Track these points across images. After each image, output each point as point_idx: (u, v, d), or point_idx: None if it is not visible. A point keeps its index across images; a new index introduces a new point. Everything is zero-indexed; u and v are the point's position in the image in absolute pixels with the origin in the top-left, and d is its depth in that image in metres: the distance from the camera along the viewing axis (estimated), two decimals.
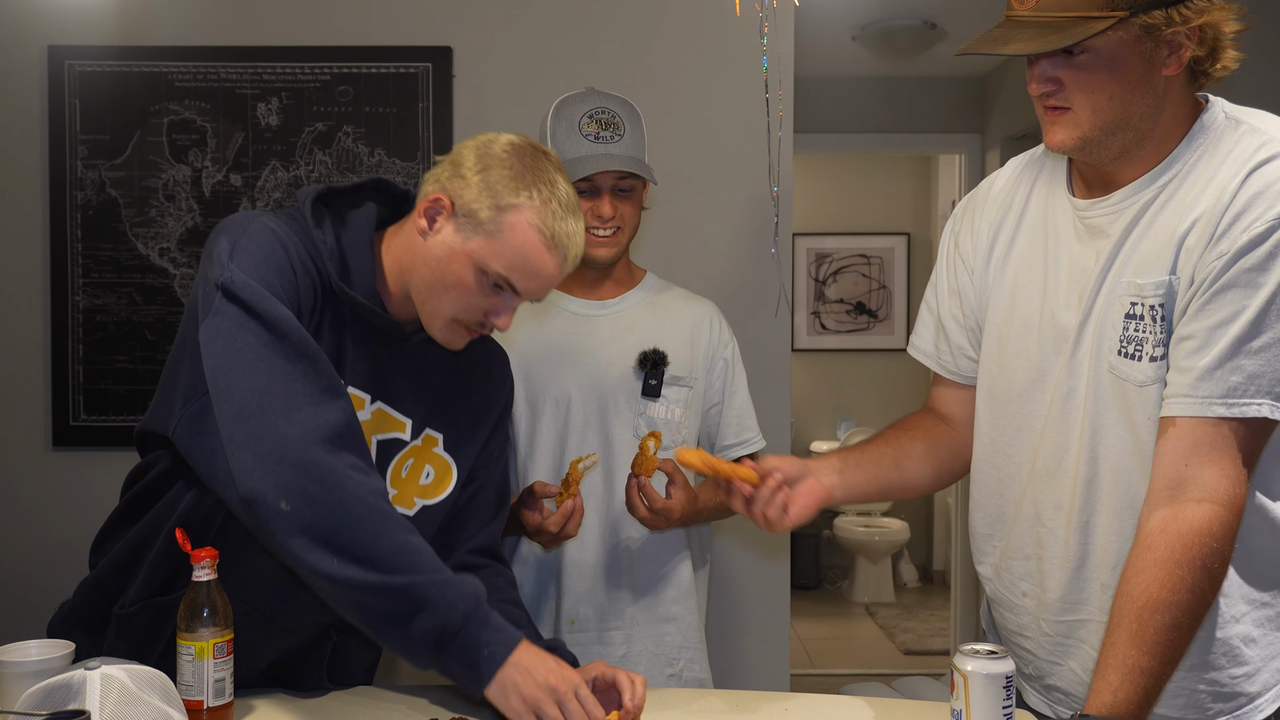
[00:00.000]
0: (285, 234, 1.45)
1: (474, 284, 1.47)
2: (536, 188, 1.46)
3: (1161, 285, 1.37)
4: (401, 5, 2.81)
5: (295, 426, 1.31)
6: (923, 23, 4.07)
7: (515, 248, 1.45)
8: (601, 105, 1.96)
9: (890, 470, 1.67)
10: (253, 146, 2.79)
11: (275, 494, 1.30)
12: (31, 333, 2.82)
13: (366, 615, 1.33)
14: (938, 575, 6.55)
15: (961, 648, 1.30)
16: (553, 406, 1.99)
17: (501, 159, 1.47)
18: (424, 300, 1.51)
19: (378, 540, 1.31)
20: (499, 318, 1.51)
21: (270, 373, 1.33)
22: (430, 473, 1.60)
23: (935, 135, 5.22)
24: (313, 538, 1.30)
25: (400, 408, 1.56)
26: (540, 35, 2.81)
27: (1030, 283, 1.53)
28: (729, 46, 2.72)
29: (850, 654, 5.45)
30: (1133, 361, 1.39)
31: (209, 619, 1.37)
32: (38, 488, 2.84)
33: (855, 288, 6.75)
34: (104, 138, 2.79)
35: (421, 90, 2.78)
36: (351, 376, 1.50)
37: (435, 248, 1.48)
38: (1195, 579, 1.28)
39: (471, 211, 1.46)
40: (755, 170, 2.59)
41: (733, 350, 2.11)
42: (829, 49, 4.46)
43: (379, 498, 1.34)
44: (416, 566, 1.32)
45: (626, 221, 1.98)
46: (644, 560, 2.01)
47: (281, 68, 2.77)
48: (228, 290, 1.37)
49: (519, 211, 1.45)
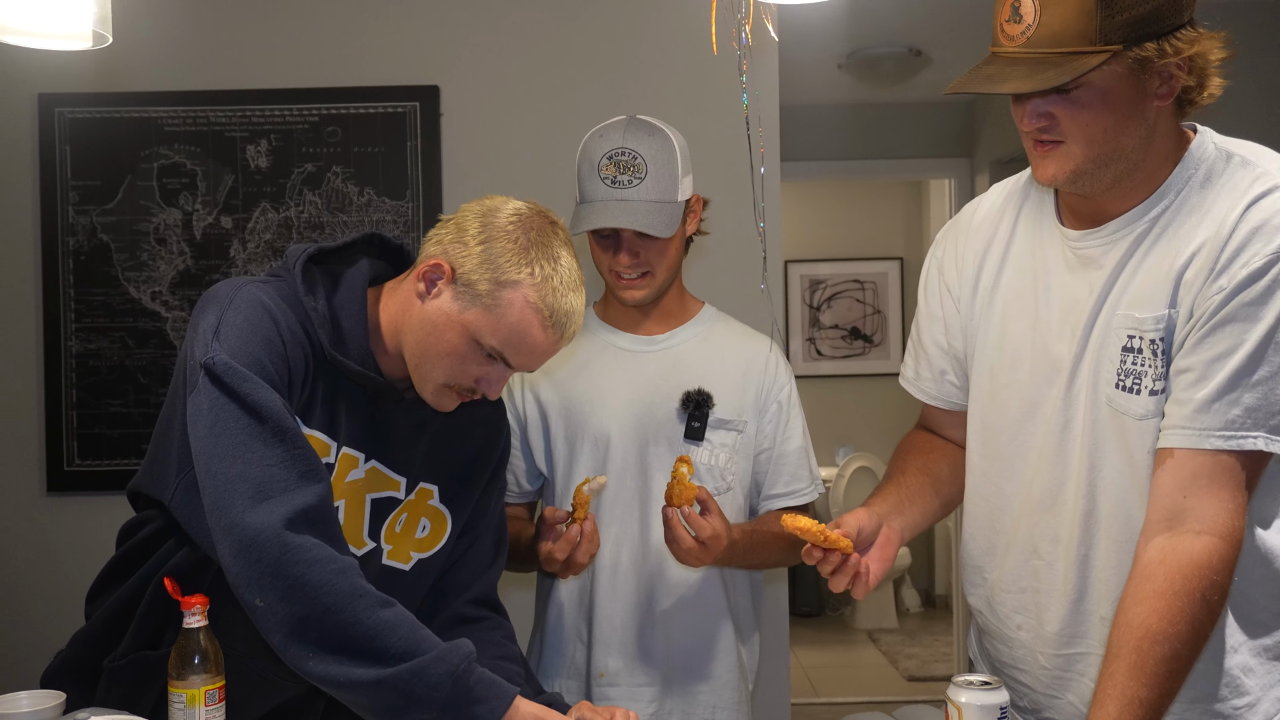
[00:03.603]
0: (274, 303, 1.44)
1: (467, 352, 1.46)
2: (540, 264, 1.45)
3: (1161, 320, 1.37)
4: (388, 45, 2.84)
5: (262, 517, 1.30)
6: (908, 50, 4.10)
7: (511, 324, 1.44)
8: (623, 145, 1.85)
9: (932, 499, 1.68)
10: (243, 189, 2.80)
11: (250, 590, 1.29)
12: (25, 378, 2.82)
13: (354, 706, 1.33)
14: (940, 600, 6.53)
15: (955, 679, 1.30)
16: (590, 447, 1.91)
17: (506, 231, 1.46)
18: (416, 364, 1.50)
19: (348, 629, 1.29)
20: (490, 387, 1.50)
21: (245, 460, 1.32)
22: (426, 525, 1.60)
23: (924, 160, 5.26)
24: (288, 633, 1.29)
25: (394, 466, 1.55)
26: (527, 73, 2.84)
27: (1021, 313, 1.53)
28: (713, 82, 2.74)
29: (853, 682, 5.42)
30: (1131, 395, 1.39)
31: (200, 665, 1.37)
32: (33, 534, 2.83)
33: (850, 313, 6.77)
34: (95, 183, 2.80)
35: (410, 129, 2.80)
36: (346, 437, 1.49)
37: (431, 313, 1.47)
38: (1194, 610, 1.28)
39: (471, 282, 1.45)
40: (744, 204, 2.61)
41: (789, 393, 1.99)
42: (816, 77, 4.50)
43: (348, 576, 1.31)
44: (388, 652, 1.29)
45: (655, 262, 1.88)
46: (680, 614, 1.91)
47: (270, 110, 2.79)
48: (210, 371, 1.36)
49: (518, 289, 1.44)
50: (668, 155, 1.86)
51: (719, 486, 1.91)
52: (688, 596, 1.92)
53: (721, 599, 1.95)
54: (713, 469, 1.91)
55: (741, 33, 1.14)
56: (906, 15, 3.78)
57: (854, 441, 6.65)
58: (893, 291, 6.77)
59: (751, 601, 2.03)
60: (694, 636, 1.93)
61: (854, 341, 6.76)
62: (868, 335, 6.76)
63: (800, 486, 1.98)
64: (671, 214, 1.85)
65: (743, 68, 1.18)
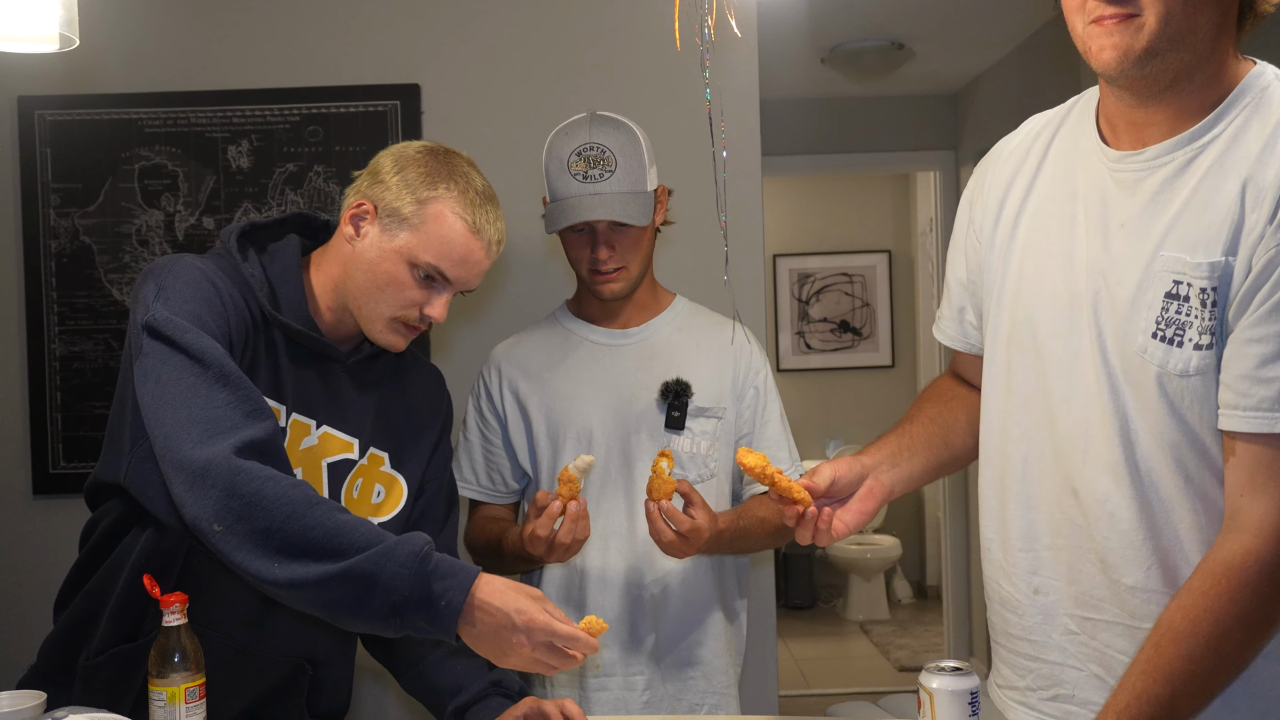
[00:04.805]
0: (212, 271, 1.49)
1: (405, 278, 1.53)
2: (453, 179, 1.55)
3: (1217, 268, 1.22)
4: (369, 44, 2.84)
5: (213, 449, 1.32)
6: (890, 43, 4.11)
7: (441, 235, 1.53)
8: (590, 140, 1.87)
9: (940, 450, 1.60)
10: (224, 189, 2.81)
11: (207, 519, 1.31)
12: (9, 382, 2.82)
13: (324, 608, 1.33)
14: (932, 590, 6.55)
15: (927, 665, 1.31)
16: (574, 441, 1.93)
17: (416, 159, 1.56)
18: (362, 305, 1.56)
19: (308, 532, 1.30)
20: (435, 310, 1.56)
21: (192, 403, 1.35)
22: (381, 491, 1.64)
23: (909, 153, 5.27)
24: (251, 549, 1.31)
25: (345, 429, 1.60)
26: (507, 71, 2.84)
27: (1045, 244, 1.41)
28: (692, 77, 2.74)
29: (845, 673, 5.45)
30: (1171, 347, 1.25)
31: (180, 664, 1.38)
32: (20, 537, 2.83)
33: (839, 306, 6.79)
34: (76, 186, 2.80)
35: (391, 128, 2.81)
36: (295, 403, 1.54)
37: (365, 251, 1.54)
38: (1219, 611, 1.20)
39: (394, 209, 1.53)
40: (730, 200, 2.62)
41: (765, 377, 2.02)
42: (799, 72, 4.51)
43: (301, 489, 1.34)
44: (353, 545, 1.31)
45: (629, 256, 1.90)
46: (670, 601, 1.94)
47: (251, 110, 2.79)
48: (151, 328, 1.40)
49: (439, 201, 1.53)
50: (635, 147, 1.89)
51: (702, 474, 1.93)
52: (677, 584, 1.95)
53: (710, 584, 1.97)
54: (695, 457, 1.93)
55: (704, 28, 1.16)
56: (888, 9, 3.78)
57: (844, 434, 6.67)
58: (881, 285, 6.79)
59: (737, 584, 2.05)
60: (685, 623, 1.95)
61: (843, 334, 6.77)
62: (857, 328, 6.78)
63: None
64: (645, 203, 1.88)
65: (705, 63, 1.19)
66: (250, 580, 1.33)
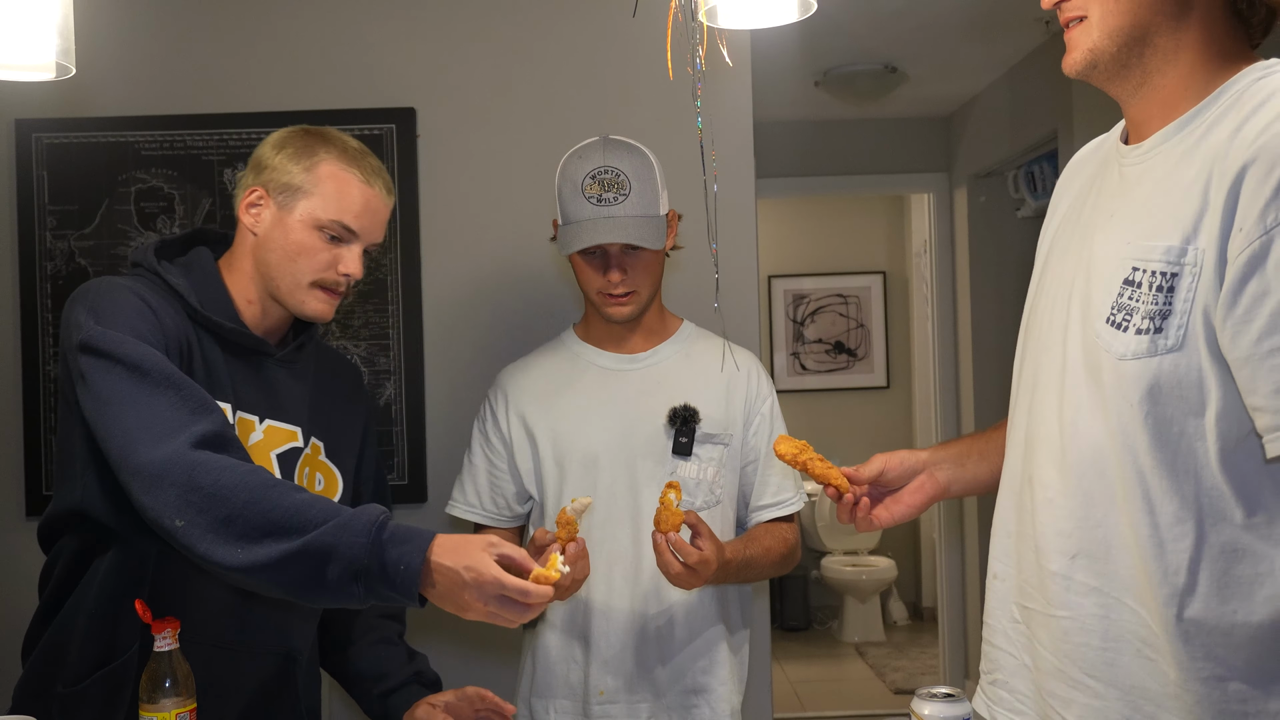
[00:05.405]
0: (139, 287, 1.53)
1: (314, 243, 1.61)
2: (329, 143, 1.65)
3: (1171, 252, 1.19)
4: (364, 68, 2.86)
5: (167, 448, 1.35)
6: (883, 67, 4.14)
7: (335, 191, 1.61)
8: (605, 164, 1.87)
9: None
10: (220, 212, 2.81)
11: (169, 515, 1.33)
12: (4, 403, 2.82)
13: (289, 586, 1.35)
14: (927, 612, 6.54)
15: (919, 691, 1.32)
16: (579, 467, 1.92)
17: (289, 138, 1.65)
18: (280, 281, 1.62)
19: (268, 514, 1.32)
20: (348, 265, 1.63)
21: (140, 410, 1.38)
22: (321, 480, 1.70)
23: (903, 175, 5.30)
24: (214, 539, 1.32)
25: (286, 419, 1.65)
26: (502, 95, 2.86)
27: (1066, 245, 1.40)
28: (686, 102, 2.76)
29: (840, 695, 5.43)
30: (1117, 331, 1.22)
31: (171, 689, 1.38)
32: (13, 558, 2.83)
33: (833, 327, 6.80)
34: (72, 208, 2.81)
35: (386, 151, 2.82)
36: (238, 401, 1.58)
37: (270, 233, 1.62)
38: None
39: (285, 184, 1.61)
40: (724, 222, 2.63)
41: (771, 404, 2.01)
42: (793, 95, 4.54)
43: (258, 474, 1.37)
44: (311, 521, 1.33)
45: (641, 280, 1.91)
46: (675, 629, 1.92)
47: (247, 133, 2.80)
48: (87, 346, 1.43)
49: (323, 163, 1.62)
50: (648, 171, 1.90)
51: (708, 500, 1.93)
52: (682, 612, 1.93)
53: (715, 612, 1.96)
54: (701, 483, 1.92)
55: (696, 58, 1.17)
56: (881, 33, 3.81)
57: (838, 455, 6.62)
58: (876, 305, 6.80)
59: (742, 612, 2.04)
60: (690, 651, 1.94)
61: (838, 355, 6.79)
62: (851, 349, 6.79)
63: (787, 496, 2.01)
64: (658, 227, 1.88)
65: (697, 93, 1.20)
66: (216, 571, 1.35)
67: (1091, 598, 1.26)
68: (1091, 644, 1.26)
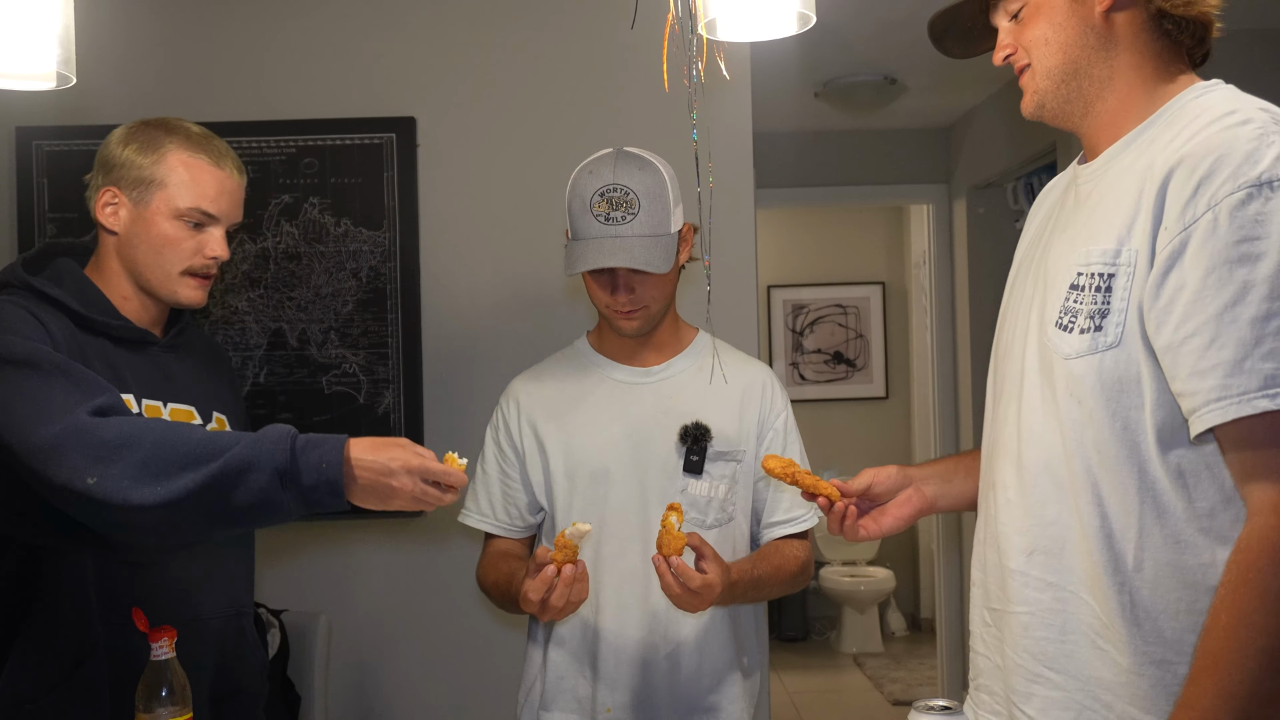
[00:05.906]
0: (17, 301, 1.54)
1: (176, 232, 1.64)
2: (172, 133, 1.67)
3: (1107, 254, 1.26)
4: (365, 78, 2.86)
5: (63, 422, 1.35)
6: (883, 78, 4.15)
7: (187, 180, 1.64)
8: (614, 182, 1.83)
9: None
10: None
11: (79, 477, 1.32)
12: None
13: (217, 510, 1.35)
14: (926, 623, 6.53)
15: (916, 704, 1.32)
16: (589, 481, 1.90)
17: (132, 133, 1.68)
18: (152, 273, 1.65)
19: (178, 448, 1.34)
20: (214, 249, 1.67)
21: (33, 399, 1.39)
22: None
23: (902, 186, 5.30)
24: (130, 483, 1.31)
25: (186, 401, 1.69)
26: (502, 104, 2.86)
27: (1028, 264, 1.48)
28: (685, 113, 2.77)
29: (838, 706, 5.42)
30: (1064, 333, 1.29)
31: (167, 698, 1.38)
32: None
33: (832, 338, 6.80)
34: (72, 215, 2.81)
35: (386, 160, 2.82)
36: (140, 390, 1.61)
37: (131, 230, 1.65)
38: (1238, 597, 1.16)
39: (137, 180, 1.64)
40: (716, 231, 2.64)
41: (785, 420, 1.98)
42: (793, 105, 4.54)
43: (161, 420, 1.41)
44: (222, 446, 1.34)
45: (650, 297, 1.88)
46: (684, 647, 1.89)
47: (247, 142, 2.80)
48: None
49: (169, 153, 1.64)
50: (659, 188, 1.86)
51: (720, 518, 1.90)
52: (693, 630, 1.90)
53: (728, 632, 1.93)
54: (713, 501, 1.90)
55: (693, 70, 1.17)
56: (880, 44, 3.82)
57: (838, 465, 6.65)
58: (875, 316, 6.81)
59: (755, 632, 2.02)
60: (700, 670, 1.91)
61: (837, 365, 6.79)
62: (850, 359, 6.79)
63: (801, 513, 1.98)
64: (667, 247, 1.85)
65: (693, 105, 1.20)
66: (139, 518, 1.33)
67: (1048, 592, 1.32)
68: (1050, 637, 1.31)
